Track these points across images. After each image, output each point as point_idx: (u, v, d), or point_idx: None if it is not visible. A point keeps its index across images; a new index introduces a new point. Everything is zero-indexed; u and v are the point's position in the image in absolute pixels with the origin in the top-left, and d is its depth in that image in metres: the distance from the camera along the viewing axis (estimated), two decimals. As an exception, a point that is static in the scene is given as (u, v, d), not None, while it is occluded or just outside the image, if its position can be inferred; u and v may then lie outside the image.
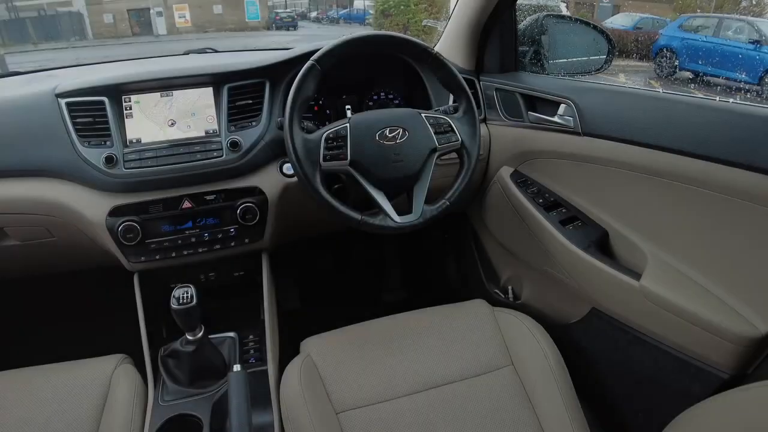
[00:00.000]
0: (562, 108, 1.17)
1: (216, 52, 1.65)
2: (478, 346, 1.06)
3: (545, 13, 1.43)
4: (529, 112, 1.25)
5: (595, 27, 1.42)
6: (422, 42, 1.06)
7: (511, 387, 1.00)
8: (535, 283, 1.33)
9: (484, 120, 1.35)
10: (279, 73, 1.20)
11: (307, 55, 1.07)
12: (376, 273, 1.99)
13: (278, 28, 16.40)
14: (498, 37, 1.35)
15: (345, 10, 18.76)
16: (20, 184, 1.10)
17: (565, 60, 1.45)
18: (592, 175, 1.12)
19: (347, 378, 1.00)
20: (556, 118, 1.17)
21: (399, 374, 1.01)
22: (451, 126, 1.05)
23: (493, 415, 0.95)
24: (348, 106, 1.35)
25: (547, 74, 1.38)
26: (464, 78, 1.10)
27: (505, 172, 1.30)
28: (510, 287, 1.43)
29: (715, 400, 0.74)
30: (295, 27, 16.78)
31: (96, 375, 1.01)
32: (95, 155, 1.07)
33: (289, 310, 1.35)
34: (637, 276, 1.00)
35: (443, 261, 1.82)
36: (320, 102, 1.35)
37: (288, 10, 18.21)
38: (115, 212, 1.08)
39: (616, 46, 1.41)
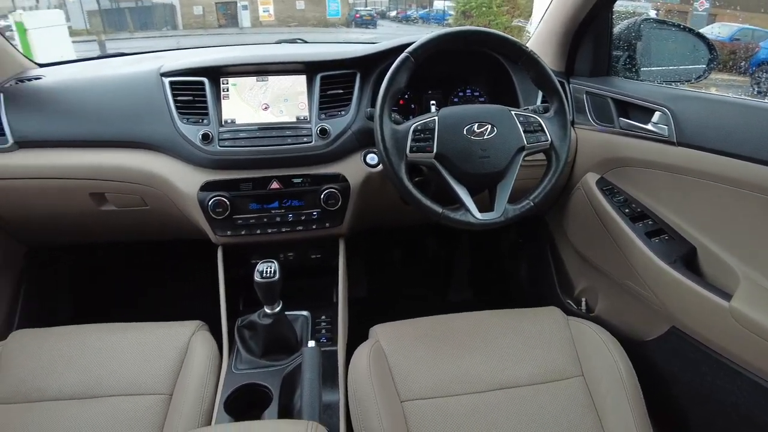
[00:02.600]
0: (656, 116, 1.12)
1: (306, 42, 1.71)
2: (548, 353, 1.04)
3: (643, 17, 1.38)
4: (620, 118, 1.20)
5: (697, 34, 1.35)
6: (517, 40, 1.06)
7: (579, 397, 0.98)
8: (612, 296, 1.28)
9: (572, 123, 1.32)
10: (370, 64, 1.23)
11: (398, 49, 1.09)
12: (444, 271, 1.99)
13: (358, 26, 16.68)
14: (592, 39, 1.31)
15: (424, 10, 18.76)
16: (123, 154, 1.19)
17: (661, 67, 1.39)
18: (685, 188, 1.07)
19: (414, 368, 1.01)
20: (649, 126, 1.13)
21: (466, 371, 1.01)
22: (541, 125, 1.04)
23: (557, 424, 0.93)
24: (433, 102, 1.36)
25: (641, 80, 1.33)
26: None
27: (591, 178, 1.26)
28: (584, 299, 1.39)
29: None
30: (374, 25, 17.01)
31: (175, 338, 1.08)
32: (193, 132, 1.15)
33: (355, 297, 1.38)
34: (727, 297, 0.94)
35: (515, 266, 1.79)
36: (406, 96, 1.37)
37: (368, 8, 18.46)
38: (206, 187, 1.14)
39: (719, 54, 1.34)
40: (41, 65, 1.46)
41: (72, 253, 1.62)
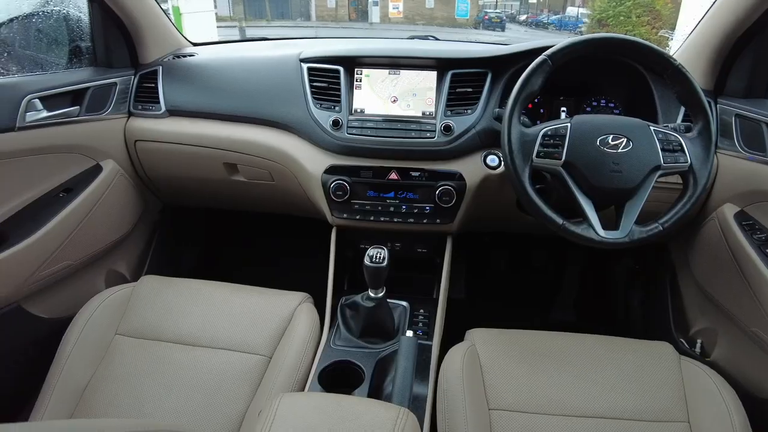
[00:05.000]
0: (822, 148, 0.99)
1: (437, 39, 1.73)
2: (653, 391, 0.97)
3: None
4: None
5: None
6: (665, 51, 0.99)
7: None
8: (734, 341, 1.16)
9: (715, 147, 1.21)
10: (503, 65, 1.22)
11: (534, 51, 1.07)
12: (549, 287, 1.92)
13: (485, 28, 16.36)
14: (752, 56, 1.18)
15: (556, 16, 18.01)
16: (258, 130, 1.30)
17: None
18: None
19: (507, 378, 0.99)
20: None
21: (561, 392, 0.97)
22: (681, 145, 0.96)
23: None
24: (564, 108, 1.31)
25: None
26: None
27: (729, 210, 1.15)
28: (700, 340, 1.26)
29: None
30: (502, 28, 16.54)
31: (283, 306, 1.15)
32: (324, 117, 1.22)
33: (454, 298, 1.38)
34: None
35: (628, 294, 1.68)
36: (535, 100, 1.34)
37: (497, 10, 18.04)
38: (330, 170, 1.21)
39: None
40: (194, 44, 1.63)
41: (201, 215, 1.80)
